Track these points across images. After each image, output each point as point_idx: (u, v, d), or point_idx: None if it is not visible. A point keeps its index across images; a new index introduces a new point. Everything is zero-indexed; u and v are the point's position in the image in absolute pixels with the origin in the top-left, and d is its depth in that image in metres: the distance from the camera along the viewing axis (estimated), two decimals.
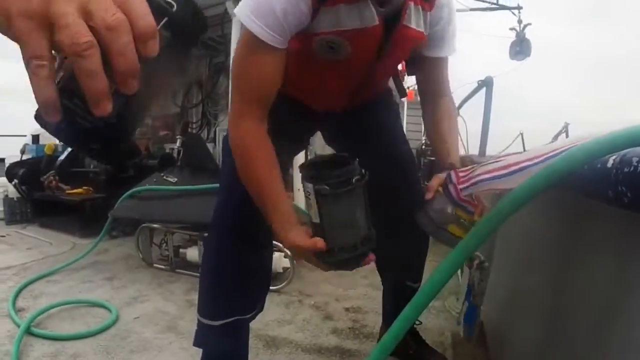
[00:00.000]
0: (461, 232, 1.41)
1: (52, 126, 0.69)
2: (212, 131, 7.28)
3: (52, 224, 5.85)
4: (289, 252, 3.13)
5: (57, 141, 7.70)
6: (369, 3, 1.37)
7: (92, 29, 0.47)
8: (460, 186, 1.37)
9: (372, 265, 1.78)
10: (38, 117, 1.06)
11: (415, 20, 1.49)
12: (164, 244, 3.90)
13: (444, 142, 1.67)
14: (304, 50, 1.48)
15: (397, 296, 2.08)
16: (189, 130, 6.40)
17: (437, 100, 1.76)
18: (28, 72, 0.46)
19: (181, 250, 3.77)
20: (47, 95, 0.47)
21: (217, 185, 3.46)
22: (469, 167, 1.40)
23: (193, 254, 3.65)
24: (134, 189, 4.13)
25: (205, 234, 3.47)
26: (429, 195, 1.47)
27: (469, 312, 1.68)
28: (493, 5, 10.01)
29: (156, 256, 3.98)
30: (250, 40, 1.37)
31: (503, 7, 10.10)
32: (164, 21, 0.58)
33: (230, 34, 5.52)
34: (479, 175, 1.27)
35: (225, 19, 5.68)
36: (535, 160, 1.06)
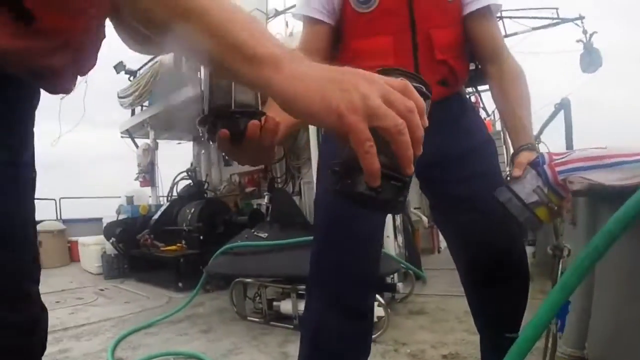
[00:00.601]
0: (548, 217, 1.36)
1: None
2: (297, 184, 7.45)
3: (148, 278, 6.14)
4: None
5: (149, 202, 8.13)
6: None
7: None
8: (558, 169, 1.33)
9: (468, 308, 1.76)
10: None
11: None
12: (258, 298, 4.01)
13: (517, 117, 1.60)
14: (348, 15, 1.66)
15: (495, 349, 1.91)
16: (275, 185, 6.57)
17: (497, 65, 1.68)
18: (360, 150, 0.62)
19: (274, 303, 3.85)
20: (375, 167, 0.62)
21: (308, 238, 3.54)
22: (564, 152, 1.37)
23: (287, 306, 3.71)
24: (227, 246, 4.30)
25: (298, 287, 3.54)
26: (517, 172, 1.41)
27: (562, 308, 1.57)
28: (555, 20, 9.62)
29: (250, 309, 4.09)
30: (305, 22, 1.72)
31: (565, 20, 9.66)
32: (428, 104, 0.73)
33: None
34: (576, 161, 1.26)
35: None
36: (635, 157, 1.05)
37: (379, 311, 3.38)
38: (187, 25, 0.70)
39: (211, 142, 1.07)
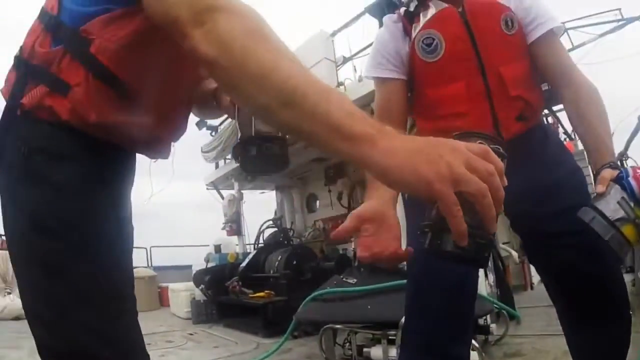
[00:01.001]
0: (636, 236, 1.27)
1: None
2: None
3: (236, 324, 6.25)
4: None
5: (237, 250, 8.34)
6: (435, 2, 1.68)
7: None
8: None
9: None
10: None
11: None
12: (347, 344, 3.94)
13: (597, 136, 1.55)
14: (417, 65, 1.70)
15: None
16: None
17: (570, 87, 1.64)
18: (448, 214, 0.69)
19: (365, 349, 3.77)
20: (462, 229, 0.70)
21: (398, 282, 3.51)
22: None
23: (377, 352, 3.62)
24: (317, 293, 4.30)
25: (389, 332, 3.48)
26: (601, 189, 1.35)
27: None
28: (620, 22, 8.86)
29: (339, 355, 4.03)
30: (376, 84, 1.78)
31: (630, 20, 8.82)
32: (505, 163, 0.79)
33: None
34: None
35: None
36: None
37: (473, 355, 3.24)
38: (288, 111, 0.77)
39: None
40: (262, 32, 0.84)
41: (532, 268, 6.33)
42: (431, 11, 1.68)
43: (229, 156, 8.76)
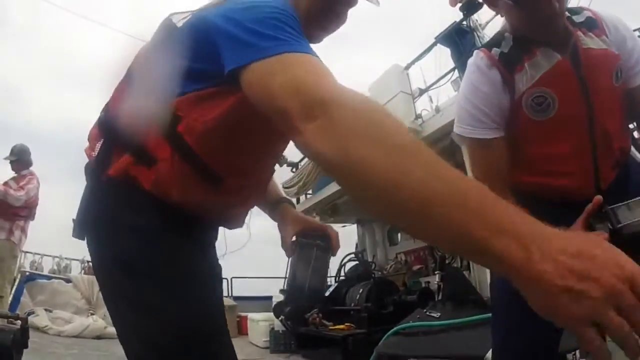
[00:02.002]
0: None
1: None
2: (465, 259, 7.23)
3: (314, 355, 6.23)
4: None
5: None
6: (543, 50, 1.52)
7: None
8: None
9: None
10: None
11: (593, 43, 1.54)
12: None
13: None
14: (521, 120, 1.58)
15: None
16: (446, 262, 6.42)
17: None
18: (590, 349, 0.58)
19: None
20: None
21: (484, 316, 3.36)
22: None
23: None
24: (400, 326, 4.25)
25: None
26: None
27: None
28: None
29: None
30: (476, 145, 1.62)
31: None
32: None
33: (462, 160, 5.69)
34: None
35: (454, 148, 5.92)
36: None
37: None
38: (418, 223, 0.68)
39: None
40: (381, 127, 0.73)
41: None
42: (539, 61, 1.53)
43: (310, 191, 8.89)
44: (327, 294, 7.00)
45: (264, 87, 0.88)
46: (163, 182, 1.11)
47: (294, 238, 1.39)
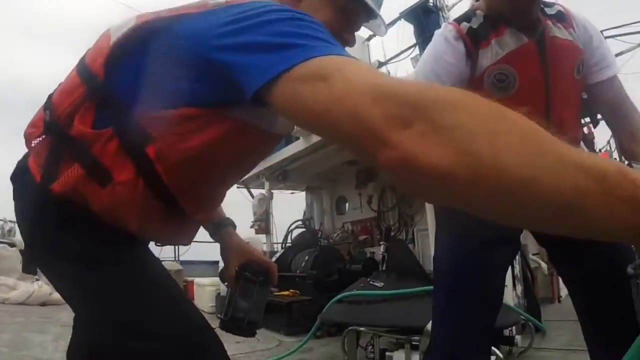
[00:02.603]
0: None
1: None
2: (410, 232, 7.41)
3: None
4: None
5: (264, 249, 8.40)
6: (511, 30, 1.58)
7: None
8: None
9: None
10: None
11: (560, 34, 1.63)
12: (370, 347, 3.93)
13: None
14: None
15: None
16: (391, 234, 6.56)
17: (626, 121, 1.68)
18: None
19: (387, 353, 3.76)
20: None
21: (426, 288, 3.49)
22: None
23: (400, 357, 3.61)
24: (343, 294, 4.31)
25: (413, 338, 3.45)
26: None
27: None
28: None
29: (361, 358, 4.02)
30: None
31: None
32: None
33: None
34: None
35: None
36: None
37: None
38: (562, 226, 0.57)
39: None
40: (499, 118, 0.58)
41: (560, 280, 6.22)
42: (506, 40, 1.60)
43: None
44: (272, 259, 7.06)
45: (312, 99, 0.69)
46: (119, 209, 0.98)
47: (236, 269, 1.42)
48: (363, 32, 5.64)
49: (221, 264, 5.20)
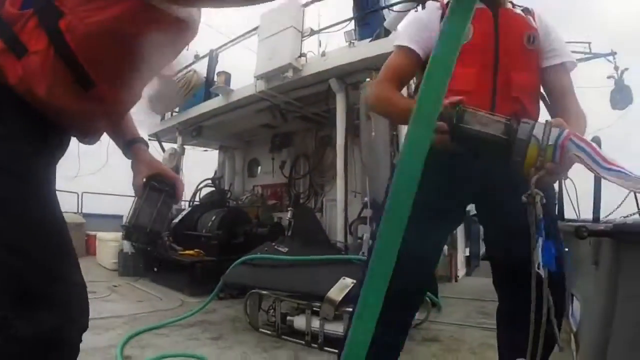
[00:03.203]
0: (532, 159, 1.46)
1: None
2: (319, 201, 7.51)
3: (162, 280, 6.19)
4: None
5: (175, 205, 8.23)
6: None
7: None
8: (573, 139, 1.44)
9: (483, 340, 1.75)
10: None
11: (515, 11, 1.96)
12: (272, 311, 4.00)
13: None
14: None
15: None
16: (300, 201, 6.61)
17: (565, 113, 1.83)
18: None
19: (288, 317, 3.85)
20: None
21: (329, 257, 3.58)
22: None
23: (300, 322, 3.72)
24: (247, 257, 4.35)
25: (314, 304, 3.54)
26: (555, 121, 1.51)
27: (546, 249, 1.53)
28: (587, 55, 9.55)
29: (263, 321, 4.09)
30: (396, 49, 2.02)
31: (597, 55, 9.57)
32: None
33: (335, 108, 5.92)
34: (591, 148, 1.43)
35: (329, 94, 6.07)
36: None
37: None
38: None
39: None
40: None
41: (459, 261, 6.55)
42: None
43: (177, 109, 8.57)
44: (179, 218, 6.94)
45: None
46: (31, 76, 1.06)
47: (144, 180, 1.46)
48: None
49: (126, 219, 5.03)
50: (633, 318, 1.76)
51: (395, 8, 5.93)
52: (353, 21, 6.38)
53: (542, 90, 2.01)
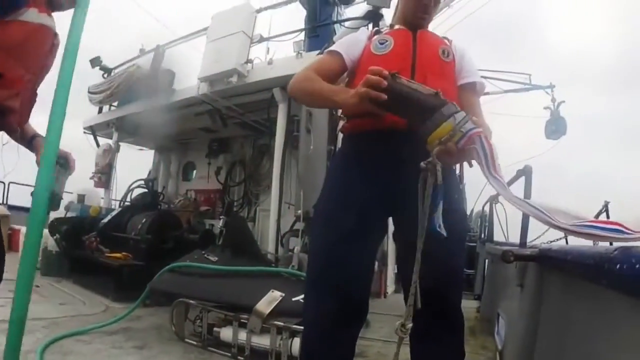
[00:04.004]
0: (442, 132, 1.57)
1: None
2: (253, 210, 7.50)
3: (86, 282, 5.94)
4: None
5: (101, 204, 8.01)
6: (399, 25, 2.23)
7: None
8: (481, 137, 1.59)
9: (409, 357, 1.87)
10: None
11: (434, 34, 2.22)
12: (199, 321, 3.93)
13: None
14: (365, 58, 2.15)
15: None
16: (232, 210, 6.58)
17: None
18: None
19: (215, 328, 3.79)
20: None
21: (258, 268, 3.63)
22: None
23: (227, 333, 3.67)
24: (176, 264, 4.26)
25: (241, 315, 3.56)
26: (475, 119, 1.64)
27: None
28: (526, 86, 10.23)
29: (189, 331, 4.00)
30: (325, 53, 2.26)
31: (536, 87, 10.27)
32: None
33: (276, 117, 5.93)
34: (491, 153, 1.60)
35: (272, 103, 6.07)
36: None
37: None
38: None
39: None
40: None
41: (388, 277, 6.70)
42: (394, 28, 2.23)
43: (115, 104, 8.37)
44: (107, 218, 6.76)
45: None
46: None
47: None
48: (255, 3, 5.46)
49: (53, 215, 4.92)
50: (555, 338, 1.88)
51: (346, 24, 6.05)
52: (303, 32, 6.43)
53: None
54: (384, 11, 5.46)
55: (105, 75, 8.43)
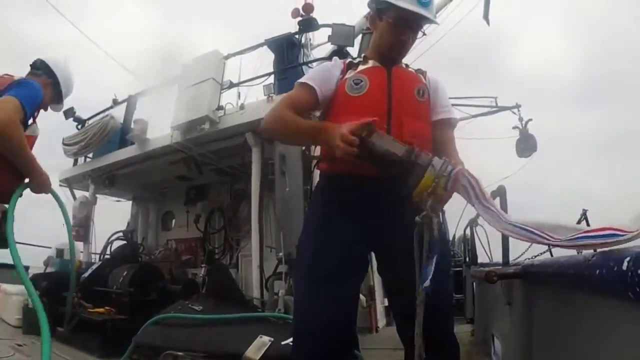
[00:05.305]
0: (427, 184, 1.63)
1: None
2: (235, 256, 7.41)
3: (71, 340, 5.75)
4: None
5: (81, 258, 7.85)
6: (374, 62, 2.21)
7: None
8: (465, 174, 1.71)
9: None
10: None
11: (408, 71, 2.27)
12: None
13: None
14: (340, 97, 2.16)
15: None
16: (215, 257, 6.50)
17: (450, 158, 1.96)
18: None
19: None
20: None
21: (244, 315, 3.59)
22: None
23: None
24: (160, 316, 4.19)
25: None
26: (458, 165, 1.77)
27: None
28: (493, 109, 10.52)
29: None
30: (297, 85, 2.25)
31: (503, 108, 10.57)
32: None
33: (251, 162, 5.91)
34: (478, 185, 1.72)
35: (245, 148, 6.06)
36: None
37: None
38: None
39: None
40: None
41: (378, 312, 6.65)
42: (368, 65, 2.20)
43: (91, 155, 8.31)
44: (88, 272, 6.63)
45: None
46: None
47: None
48: (223, 50, 5.58)
49: (32, 270, 4.86)
50: (549, 351, 1.89)
51: (313, 65, 6.15)
52: (273, 75, 6.52)
53: None
54: (349, 49, 5.59)
55: (79, 127, 8.39)
